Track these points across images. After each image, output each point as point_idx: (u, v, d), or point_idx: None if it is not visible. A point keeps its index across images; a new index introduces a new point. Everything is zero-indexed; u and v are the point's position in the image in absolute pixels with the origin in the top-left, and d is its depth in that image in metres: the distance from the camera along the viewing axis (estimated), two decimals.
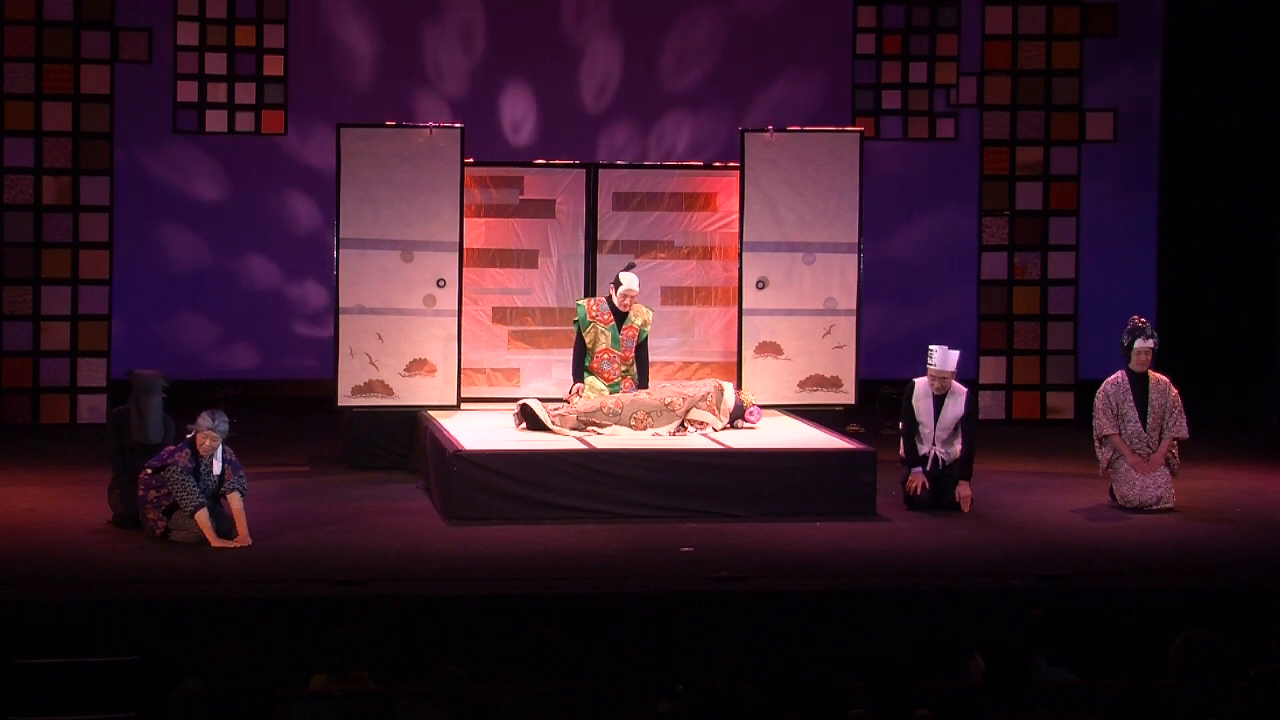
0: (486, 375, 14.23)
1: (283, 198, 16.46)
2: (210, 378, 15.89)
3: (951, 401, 12.46)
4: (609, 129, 16.67)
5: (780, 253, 14.22)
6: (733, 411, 13.11)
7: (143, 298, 16.14)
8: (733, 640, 9.55)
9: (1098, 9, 16.72)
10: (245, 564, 10.64)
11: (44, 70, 15.71)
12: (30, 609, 9.66)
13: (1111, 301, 16.28)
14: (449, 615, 9.82)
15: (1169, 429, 12.44)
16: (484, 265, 14.18)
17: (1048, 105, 16.66)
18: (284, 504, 12.24)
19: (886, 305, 16.44)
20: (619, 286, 13.34)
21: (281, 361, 16.55)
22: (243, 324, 16.45)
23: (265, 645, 9.18)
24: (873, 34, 16.63)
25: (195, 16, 15.94)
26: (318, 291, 16.15)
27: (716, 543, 11.24)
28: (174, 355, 15.59)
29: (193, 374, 15.27)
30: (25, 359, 15.72)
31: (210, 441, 11.11)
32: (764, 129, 14.38)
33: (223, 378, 16.06)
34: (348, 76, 16.41)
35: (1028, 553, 11.14)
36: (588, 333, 13.42)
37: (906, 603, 10.19)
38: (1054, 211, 16.68)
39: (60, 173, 15.76)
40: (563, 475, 11.96)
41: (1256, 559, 11.10)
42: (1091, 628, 9.95)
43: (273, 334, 16.54)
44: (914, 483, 12.38)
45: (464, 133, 13.93)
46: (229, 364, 16.41)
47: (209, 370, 16.15)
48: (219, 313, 16.41)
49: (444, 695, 7.54)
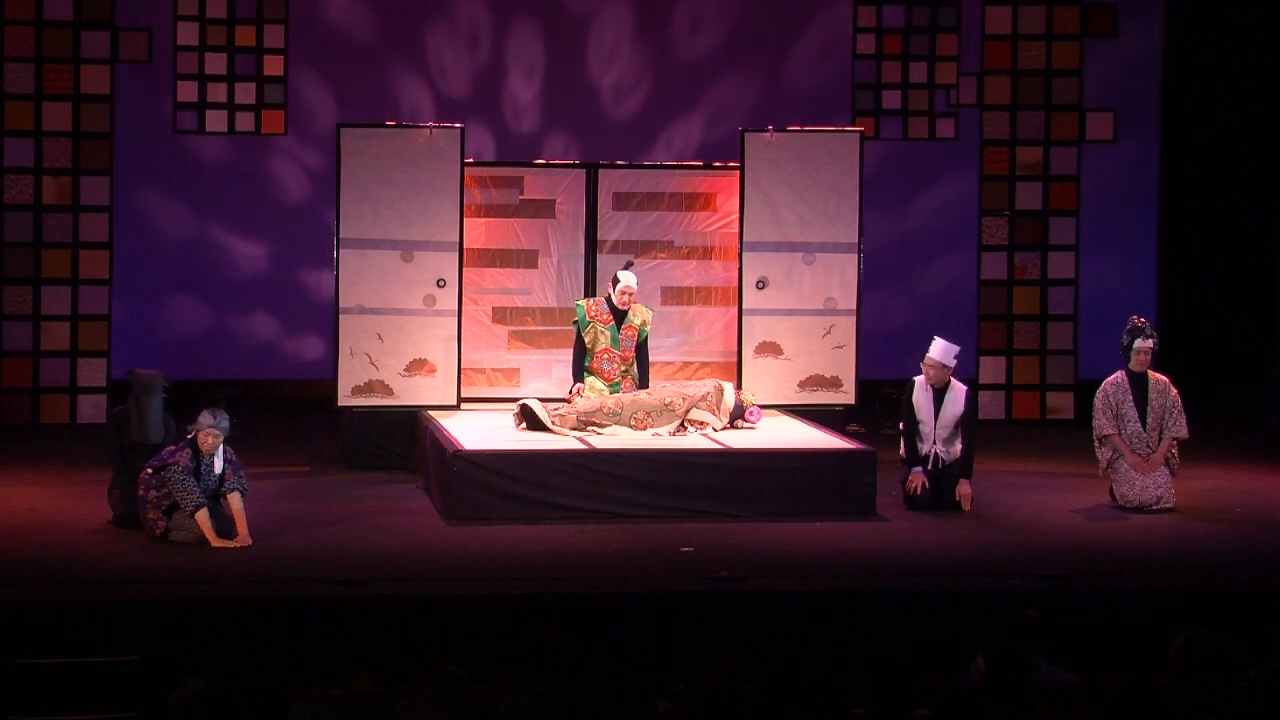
0: (486, 375, 14.24)
1: (283, 198, 16.45)
2: (210, 377, 15.89)
3: (951, 399, 12.46)
4: (609, 129, 16.65)
5: (780, 253, 14.22)
6: (733, 411, 13.11)
7: (143, 298, 16.14)
8: (733, 640, 9.55)
9: (1098, 9, 16.72)
10: (245, 564, 10.64)
11: (44, 70, 15.71)
12: (30, 609, 9.66)
13: (1111, 301, 16.28)
14: (449, 615, 9.82)
15: (1169, 429, 12.44)
16: (484, 265, 14.19)
17: (1048, 105, 16.67)
18: (284, 504, 12.24)
19: (886, 305, 16.44)
20: (617, 284, 13.35)
21: (282, 361, 16.55)
22: (243, 324, 16.44)
23: (265, 645, 9.19)
24: (873, 34, 16.63)
25: (195, 16, 15.94)
26: (318, 291, 16.13)
27: (716, 543, 11.24)
28: (174, 355, 15.58)
29: (193, 374, 15.26)
30: (25, 359, 15.72)
31: (213, 440, 11.11)
32: (764, 129, 14.39)
33: (223, 377, 16.07)
34: (348, 76, 16.39)
35: (1028, 553, 11.13)
36: (587, 333, 13.42)
37: (906, 603, 10.18)
38: (1054, 211, 16.68)
39: (60, 173, 15.76)
40: (563, 475, 11.96)
41: (1256, 559, 11.10)
42: (1091, 628, 9.96)
43: (273, 334, 16.53)
44: (914, 482, 12.38)
45: (464, 133, 13.93)
46: (229, 364, 16.41)
47: (209, 370, 16.13)
48: (219, 313, 16.40)
49: (444, 695, 7.54)
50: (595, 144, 16.27)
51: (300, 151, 16.32)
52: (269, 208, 16.45)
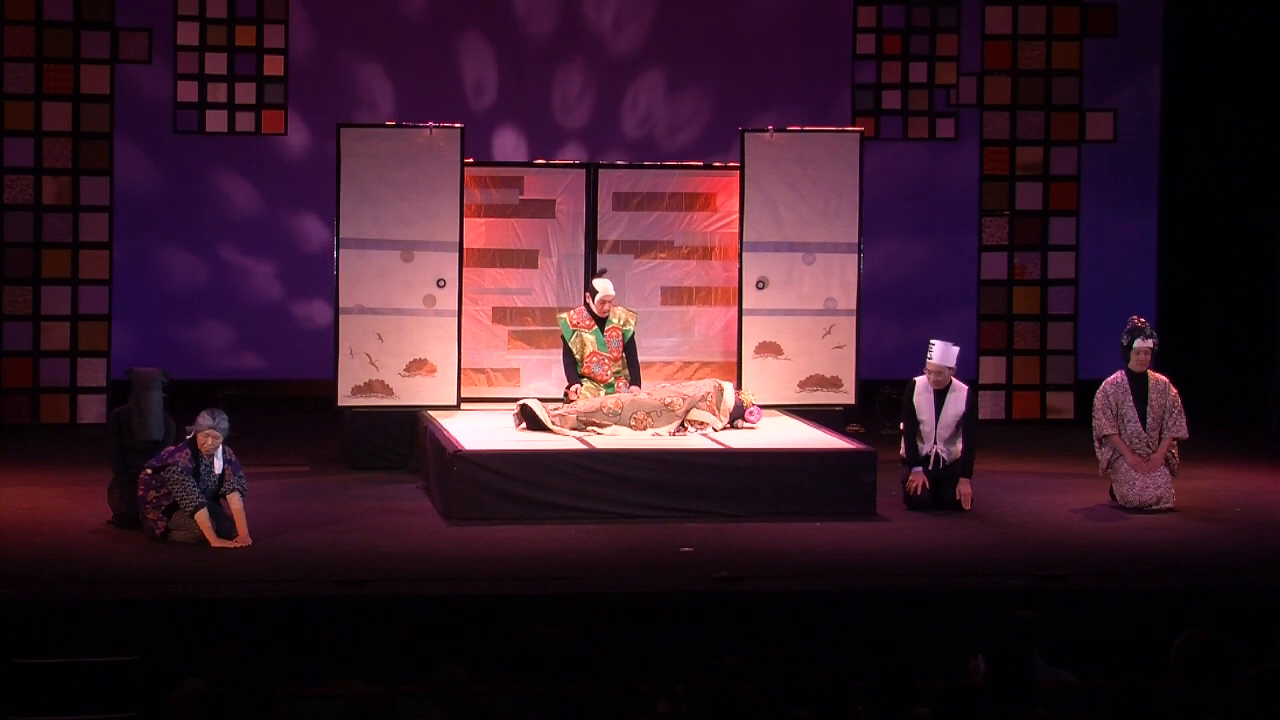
0: (486, 375, 14.24)
1: (282, 198, 16.45)
2: (210, 377, 15.89)
3: (953, 399, 12.46)
4: (610, 129, 16.65)
5: (780, 253, 14.23)
6: (733, 411, 13.11)
7: (142, 298, 16.13)
8: (733, 640, 9.55)
9: (1098, 9, 16.73)
10: (245, 564, 10.63)
11: (44, 70, 15.71)
12: (30, 609, 9.66)
13: (1111, 301, 16.28)
14: (449, 615, 9.82)
15: (1169, 429, 12.44)
16: (484, 265, 14.19)
17: (1048, 105, 16.67)
18: (284, 504, 12.24)
19: (886, 305, 16.43)
20: (596, 295, 13.38)
21: (281, 361, 16.55)
22: (243, 324, 16.43)
23: (265, 645, 9.20)
24: (873, 34, 16.63)
25: (195, 16, 15.94)
26: (317, 291, 16.13)
27: (716, 543, 11.24)
28: (174, 355, 15.56)
29: (193, 374, 15.26)
30: (25, 359, 15.72)
31: (212, 440, 11.11)
32: (764, 129, 14.39)
33: (223, 377, 16.07)
34: (348, 76, 16.39)
35: (1028, 553, 11.14)
36: (574, 341, 13.45)
37: (906, 603, 10.18)
38: (1054, 211, 16.69)
39: (60, 173, 15.76)
40: (563, 475, 11.96)
41: (1256, 559, 11.10)
42: (1091, 628, 9.96)
43: (273, 333, 16.52)
44: (914, 483, 12.38)
45: (464, 132, 13.93)
46: (229, 364, 16.41)
47: (209, 370, 16.14)
48: (219, 313, 16.39)
49: (444, 695, 7.54)
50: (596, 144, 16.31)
51: (300, 151, 16.30)
52: (269, 208, 16.43)
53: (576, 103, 16.69)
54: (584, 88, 16.69)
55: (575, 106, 16.69)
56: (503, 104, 16.55)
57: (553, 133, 16.56)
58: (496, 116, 16.54)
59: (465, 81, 16.48)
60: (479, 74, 16.51)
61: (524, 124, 16.58)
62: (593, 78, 16.65)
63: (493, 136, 16.41)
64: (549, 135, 16.53)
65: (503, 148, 16.33)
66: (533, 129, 16.56)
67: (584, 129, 16.64)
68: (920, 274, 16.82)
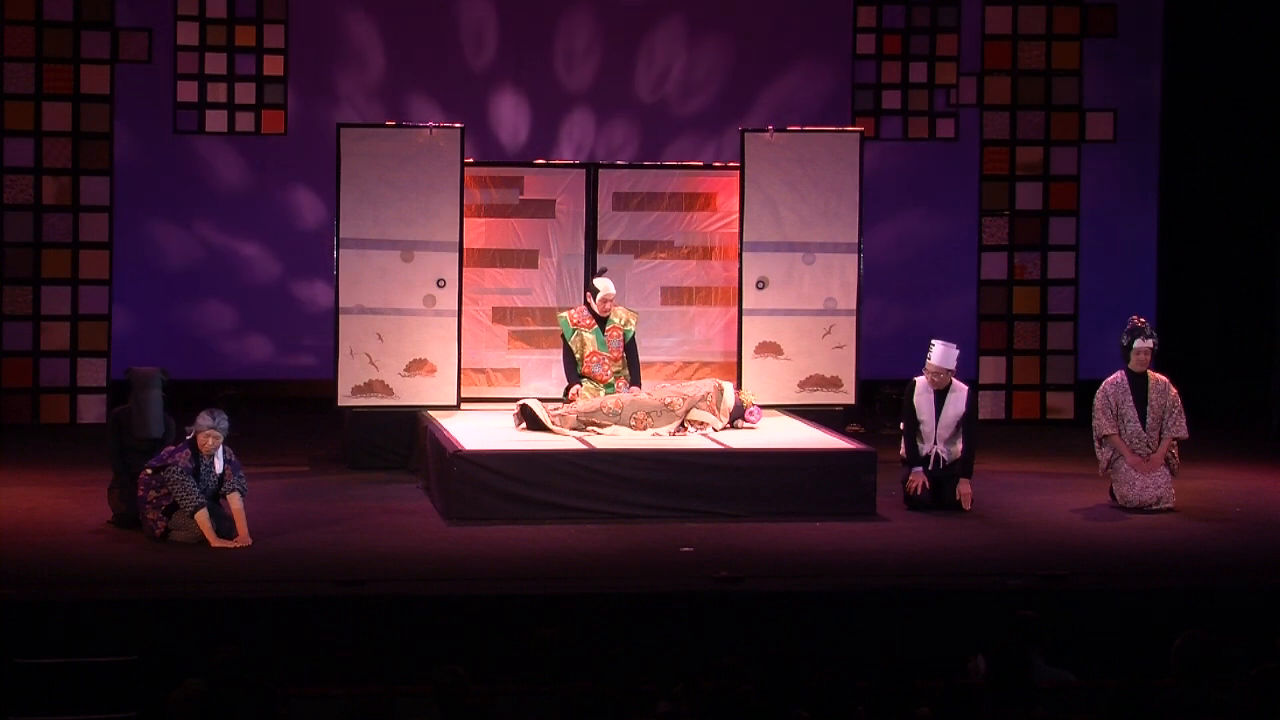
0: (486, 375, 14.24)
1: (282, 198, 16.45)
2: (210, 377, 15.88)
3: (953, 399, 12.46)
4: (610, 129, 16.66)
5: (780, 253, 14.23)
6: (733, 411, 13.11)
7: (142, 298, 16.13)
8: (733, 640, 9.55)
9: (1098, 9, 16.72)
10: (245, 564, 10.63)
11: (44, 70, 15.71)
12: (30, 609, 9.66)
13: (1111, 301, 16.28)
14: (449, 615, 9.82)
15: (1168, 429, 12.44)
16: (484, 265, 14.20)
17: (1048, 105, 16.67)
18: (284, 504, 12.24)
19: (886, 305, 16.44)
20: (597, 294, 13.38)
21: (282, 361, 16.55)
22: (243, 324, 16.44)
23: (265, 645, 9.20)
24: (873, 34, 16.63)
25: (195, 16, 15.93)
26: (318, 291, 16.13)
27: (716, 543, 11.24)
28: (174, 355, 15.51)
29: (192, 374, 15.25)
30: (25, 359, 15.72)
31: (212, 440, 11.11)
32: (764, 129, 14.39)
33: (223, 377, 16.07)
34: (348, 76, 16.39)
35: (1028, 553, 11.13)
36: (574, 341, 13.45)
37: (906, 603, 10.18)
38: (1054, 211, 16.68)
39: (60, 173, 15.76)
40: (563, 475, 11.96)
41: (1256, 559, 11.10)
42: (1091, 628, 9.96)
43: (273, 334, 16.53)
44: (914, 483, 12.38)
45: (464, 132, 13.93)
46: (229, 364, 16.40)
47: (209, 370, 16.13)
48: (218, 313, 16.39)
49: (444, 695, 7.54)
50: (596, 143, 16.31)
51: (300, 151, 16.28)
52: (268, 208, 16.43)
53: (579, 102, 16.67)
54: (587, 87, 16.69)
55: (577, 106, 16.67)
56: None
57: (552, 131, 16.55)
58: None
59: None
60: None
61: (523, 122, 16.58)
62: (594, 77, 16.66)
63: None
64: (548, 134, 16.51)
65: (502, 143, 16.32)
66: (531, 128, 16.56)
67: (585, 128, 16.63)
68: (920, 274, 16.81)
